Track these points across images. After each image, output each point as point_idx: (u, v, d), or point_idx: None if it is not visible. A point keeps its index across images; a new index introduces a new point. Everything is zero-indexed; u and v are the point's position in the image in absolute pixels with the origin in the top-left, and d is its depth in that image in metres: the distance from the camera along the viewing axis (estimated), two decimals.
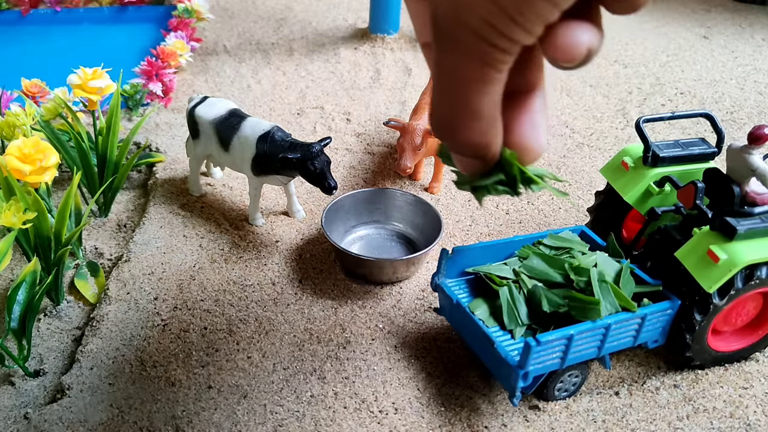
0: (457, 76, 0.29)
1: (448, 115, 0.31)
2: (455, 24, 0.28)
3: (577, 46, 0.29)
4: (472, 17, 0.27)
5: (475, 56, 0.28)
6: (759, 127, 0.69)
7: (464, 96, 0.30)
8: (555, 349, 0.64)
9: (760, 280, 0.68)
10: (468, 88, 0.30)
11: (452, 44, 0.29)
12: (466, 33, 0.28)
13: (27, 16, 1.56)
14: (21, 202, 0.75)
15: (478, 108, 0.30)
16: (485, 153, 0.33)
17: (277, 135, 0.88)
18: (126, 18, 1.61)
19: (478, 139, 0.32)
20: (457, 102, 0.30)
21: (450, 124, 0.32)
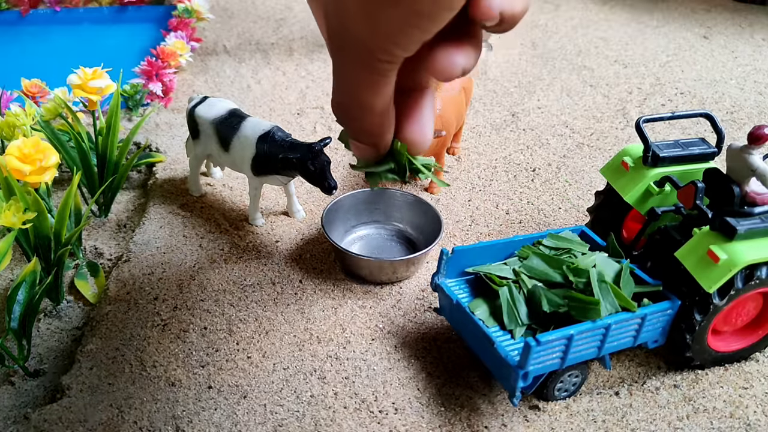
0: (349, 78, 0.33)
1: (343, 106, 0.35)
2: (343, 38, 0.32)
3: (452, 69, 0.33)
4: (357, 36, 0.31)
5: (362, 65, 0.32)
6: (759, 127, 0.69)
7: (357, 94, 0.34)
8: (555, 349, 0.64)
9: (760, 280, 0.68)
10: (359, 88, 0.33)
11: (342, 53, 0.33)
12: (352, 47, 0.31)
13: (27, 16, 1.56)
14: (21, 202, 0.75)
15: (369, 104, 0.34)
16: (377, 142, 0.38)
17: (277, 135, 0.88)
18: (126, 18, 1.61)
19: (370, 129, 0.36)
20: (350, 98, 0.34)
21: (346, 115, 0.36)
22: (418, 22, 0.29)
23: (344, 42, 0.32)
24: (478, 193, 1.04)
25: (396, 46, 0.30)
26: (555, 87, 1.40)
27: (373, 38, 0.30)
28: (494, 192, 1.05)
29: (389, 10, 0.29)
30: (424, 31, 0.30)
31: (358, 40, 0.31)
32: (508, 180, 1.08)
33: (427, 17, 0.29)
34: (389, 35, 0.30)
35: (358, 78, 0.33)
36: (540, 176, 1.09)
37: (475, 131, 1.22)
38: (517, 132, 1.23)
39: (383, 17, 0.29)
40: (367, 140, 0.38)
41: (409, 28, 0.29)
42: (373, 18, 0.29)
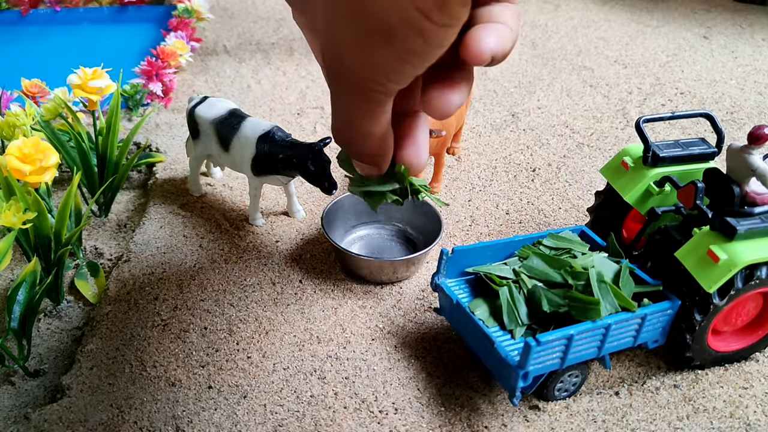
0: (347, 107, 0.35)
1: (343, 132, 0.37)
2: (339, 70, 0.33)
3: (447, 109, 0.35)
4: (351, 68, 0.32)
5: (359, 95, 0.33)
6: (759, 127, 0.69)
7: (354, 121, 0.35)
8: (555, 349, 0.64)
9: (760, 280, 0.68)
10: (357, 116, 0.35)
11: (339, 83, 0.34)
12: (348, 78, 0.33)
13: (27, 16, 1.56)
14: (21, 202, 0.75)
15: (368, 131, 0.36)
16: (379, 162, 0.40)
17: (277, 135, 0.88)
18: (126, 18, 1.61)
19: (371, 151, 0.38)
20: (349, 125, 0.36)
21: (346, 140, 0.37)
22: (410, 59, 0.30)
23: (340, 73, 0.33)
24: (478, 193, 1.04)
25: (390, 80, 0.32)
26: (555, 87, 1.40)
27: (368, 72, 0.31)
28: (494, 192, 1.05)
29: (382, 48, 0.30)
30: (416, 67, 0.31)
31: (353, 73, 0.32)
32: (508, 180, 1.08)
33: (418, 55, 0.30)
34: (383, 70, 0.31)
35: (355, 107, 0.34)
36: (540, 176, 1.09)
37: (475, 131, 1.22)
38: (517, 132, 1.23)
39: (377, 54, 0.30)
40: (368, 162, 0.40)
41: (402, 64, 0.31)
42: (367, 54, 0.30)
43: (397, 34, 0.29)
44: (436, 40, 0.30)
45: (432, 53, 0.30)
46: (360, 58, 0.31)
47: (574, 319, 0.67)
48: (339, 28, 0.31)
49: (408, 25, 0.29)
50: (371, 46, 0.30)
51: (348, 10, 0.30)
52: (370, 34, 0.30)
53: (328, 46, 0.33)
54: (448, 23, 0.29)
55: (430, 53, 0.30)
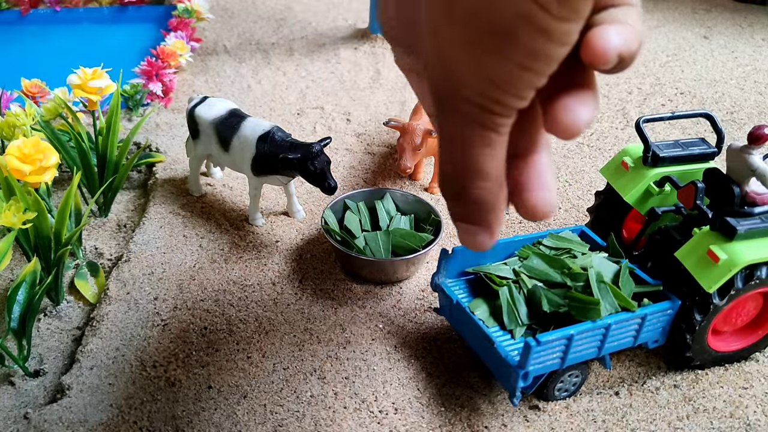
0: (461, 141, 0.31)
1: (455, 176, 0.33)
2: (453, 97, 0.30)
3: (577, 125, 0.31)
4: (468, 90, 0.29)
5: (475, 121, 0.30)
6: (759, 127, 0.69)
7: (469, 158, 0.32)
8: (555, 349, 0.64)
9: (760, 280, 0.68)
10: (472, 151, 0.31)
11: (453, 113, 0.31)
12: (464, 103, 0.30)
13: (27, 16, 1.56)
14: (21, 202, 0.75)
15: (483, 168, 0.32)
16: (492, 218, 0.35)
17: (277, 135, 0.88)
18: (126, 18, 1.60)
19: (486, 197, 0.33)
20: (463, 164, 0.32)
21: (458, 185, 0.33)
22: (531, 64, 0.28)
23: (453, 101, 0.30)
24: None
25: (510, 94, 0.29)
26: None
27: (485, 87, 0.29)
28: None
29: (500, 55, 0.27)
30: (538, 73, 0.28)
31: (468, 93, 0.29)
32: None
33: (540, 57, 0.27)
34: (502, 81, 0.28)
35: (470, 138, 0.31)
36: None
37: None
38: None
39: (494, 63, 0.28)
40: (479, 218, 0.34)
41: (523, 71, 0.28)
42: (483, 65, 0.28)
43: (515, 34, 0.27)
44: (558, 37, 0.27)
45: (554, 54, 0.28)
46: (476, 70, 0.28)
47: (574, 319, 0.67)
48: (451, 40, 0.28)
49: (525, 21, 0.26)
50: (487, 53, 0.27)
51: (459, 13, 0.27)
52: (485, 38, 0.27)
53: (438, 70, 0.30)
54: (569, 17, 0.26)
55: (552, 54, 0.27)
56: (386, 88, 1.35)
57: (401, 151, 0.94)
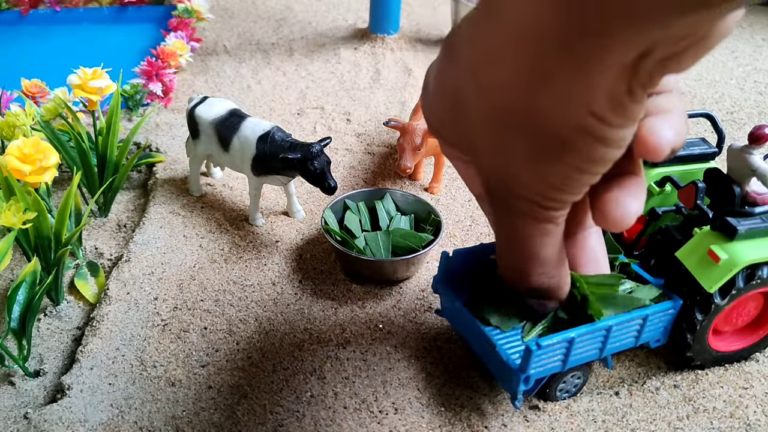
0: (519, 233, 0.32)
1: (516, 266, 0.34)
2: (508, 194, 0.30)
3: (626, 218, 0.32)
4: (524, 190, 0.30)
5: (531, 216, 0.31)
6: (759, 127, 0.69)
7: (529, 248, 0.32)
8: (556, 352, 0.64)
9: (761, 279, 0.68)
10: (531, 242, 0.32)
11: (508, 209, 0.31)
12: (520, 200, 0.30)
13: (27, 16, 1.56)
14: (21, 202, 0.75)
15: (543, 256, 0.33)
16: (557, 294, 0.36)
17: (277, 135, 0.88)
18: (126, 18, 1.60)
19: (548, 282, 0.35)
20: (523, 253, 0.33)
21: (521, 273, 0.34)
22: (588, 168, 0.28)
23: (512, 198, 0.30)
24: None
25: (565, 192, 0.29)
26: None
27: (543, 189, 0.29)
28: None
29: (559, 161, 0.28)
30: (594, 174, 0.29)
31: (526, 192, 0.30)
32: None
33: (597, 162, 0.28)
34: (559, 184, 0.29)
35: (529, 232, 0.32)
36: None
37: None
38: None
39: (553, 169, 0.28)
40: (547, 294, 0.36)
41: (580, 174, 0.29)
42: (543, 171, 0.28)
43: (574, 144, 0.27)
44: (615, 144, 0.27)
45: (610, 157, 0.28)
46: (534, 175, 0.29)
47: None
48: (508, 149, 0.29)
49: (584, 133, 0.27)
50: (546, 161, 0.28)
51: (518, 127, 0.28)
52: (543, 149, 0.28)
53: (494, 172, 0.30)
54: (624, 124, 0.27)
55: (609, 158, 0.28)
56: (386, 88, 1.35)
57: (401, 151, 0.94)
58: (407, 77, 1.40)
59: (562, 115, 0.26)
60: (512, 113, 0.27)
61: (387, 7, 1.53)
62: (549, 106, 0.26)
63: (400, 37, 1.56)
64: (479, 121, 0.30)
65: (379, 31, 1.56)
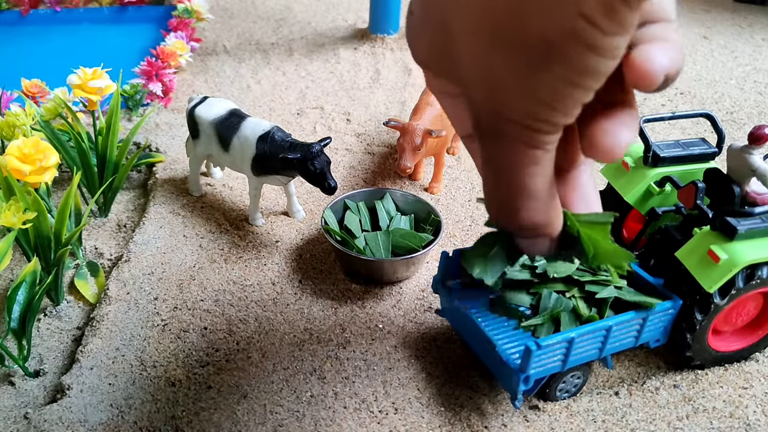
0: (509, 163, 0.31)
1: (507, 200, 0.32)
2: (498, 120, 0.29)
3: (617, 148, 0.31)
4: (513, 112, 0.28)
5: (522, 142, 0.29)
6: (759, 127, 0.69)
7: (518, 179, 0.31)
8: (556, 352, 0.64)
9: (761, 280, 0.68)
10: (521, 172, 0.31)
11: (497, 137, 0.30)
12: (510, 125, 0.29)
13: (27, 16, 1.56)
14: (21, 202, 0.75)
15: (533, 188, 0.31)
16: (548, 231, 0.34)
17: (277, 135, 0.88)
18: (126, 18, 1.60)
19: (539, 218, 0.33)
20: (513, 186, 0.31)
21: (510, 208, 0.32)
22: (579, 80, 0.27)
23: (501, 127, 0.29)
24: (478, 193, 1.04)
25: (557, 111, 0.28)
26: None
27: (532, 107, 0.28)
28: None
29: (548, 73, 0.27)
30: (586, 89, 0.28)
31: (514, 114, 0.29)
32: None
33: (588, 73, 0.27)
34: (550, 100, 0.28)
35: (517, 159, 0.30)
36: None
37: None
38: None
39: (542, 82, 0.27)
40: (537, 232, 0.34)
41: (572, 88, 0.27)
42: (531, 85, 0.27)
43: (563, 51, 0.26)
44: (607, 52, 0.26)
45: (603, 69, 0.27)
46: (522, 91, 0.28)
47: None
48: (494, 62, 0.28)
49: (574, 39, 0.26)
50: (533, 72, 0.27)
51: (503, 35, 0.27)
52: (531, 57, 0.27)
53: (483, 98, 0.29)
54: (617, 31, 0.26)
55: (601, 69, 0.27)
56: (386, 88, 1.35)
57: (401, 151, 0.94)
58: (407, 77, 1.40)
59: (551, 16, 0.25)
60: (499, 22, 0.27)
61: (387, 7, 1.53)
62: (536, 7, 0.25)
63: (400, 37, 1.56)
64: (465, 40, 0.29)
65: (378, 31, 1.56)
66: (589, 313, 0.70)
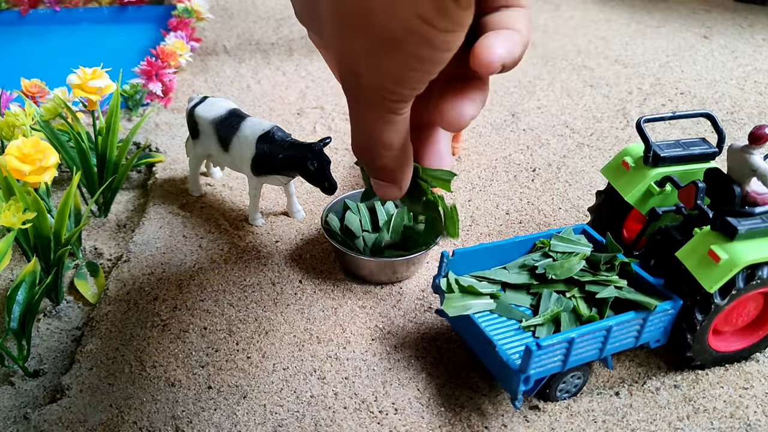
0: (366, 120, 0.35)
1: (364, 148, 0.37)
2: (356, 85, 0.33)
3: (461, 120, 0.35)
4: (368, 83, 0.32)
5: (376, 106, 0.34)
6: (759, 127, 0.69)
7: (375, 133, 0.36)
8: (556, 352, 0.64)
9: (761, 280, 0.68)
10: (377, 128, 0.35)
11: (357, 98, 0.34)
12: (365, 91, 0.33)
13: (26, 16, 1.56)
14: (21, 202, 0.75)
15: (388, 141, 0.36)
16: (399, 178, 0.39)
17: (277, 135, 0.88)
18: (126, 18, 1.61)
19: (390, 165, 0.38)
20: (370, 138, 0.36)
21: (365, 153, 0.37)
22: (419, 66, 0.31)
23: (357, 85, 0.33)
24: (478, 193, 1.04)
25: (403, 87, 0.32)
26: (555, 87, 1.40)
27: (382, 81, 0.32)
28: (494, 192, 1.05)
29: (391, 58, 0.30)
30: (427, 72, 0.31)
31: (368, 83, 0.32)
32: (508, 180, 1.08)
33: (426, 61, 0.30)
34: (395, 79, 0.31)
35: (374, 119, 0.34)
36: (540, 176, 1.09)
37: (475, 131, 1.22)
38: (517, 132, 1.23)
39: (387, 64, 0.31)
40: (388, 178, 0.39)
41: (413, 71, 0.31)
42: (378, 65, 0.31)
43: (403, 43, 0.29)
44: (442, 45, 0.30)
45: (440, 58, 0.30)
46: (372, 69, 0.31)
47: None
48: (349, 43, 0.31)
49: (412, 34, 0.29)
50: (380, 56, 0.30)
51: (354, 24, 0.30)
52: (378, 45, 0.30)
53: (342, 61, 0.33)
54: (451, 28, 0.29)
55: (438, 58, 0.30)
56: None
57: None
58: None
59: (392, 16, 0.28)
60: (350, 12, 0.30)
61: None
62: (380, 6, 0.29)
63: None
64: (326, 17, 0.33)
65: None
66: (589, 313, 0.70)
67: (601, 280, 0.73)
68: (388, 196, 0.40)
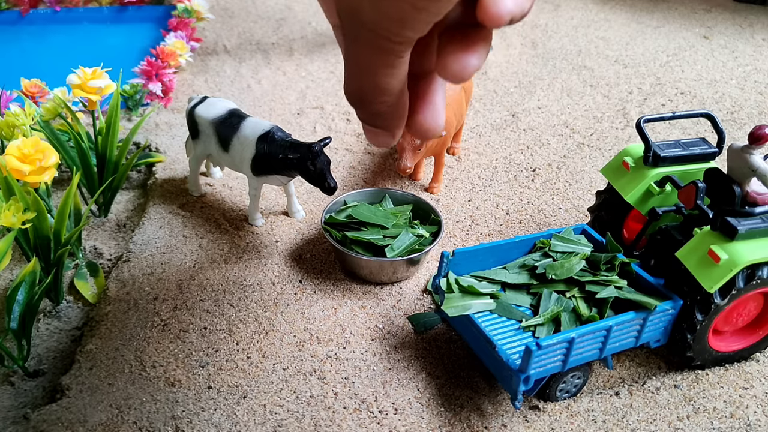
0: (364, 61, 0.34)
1: (359, 91, 0.36)
2: (355, 23, 0.32)
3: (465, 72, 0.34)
4: (369, 22, 0.31)
5: (376, 47, 0.33)
6: (759, 127, 0.69)
7: (371, 76, 0.34)
8: (556, 352, 0.64)
9: (761, 280, 0.68)
10: (374, 71, 0.34)
11: (356, 37, 0.33)
12: (366, 31, 0.32)
13: (26, 16, 1.56)
14: (21, 202, 0.75)
15: (384, 86, 0.35)
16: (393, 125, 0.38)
17: (277, 135, 0.87)
18: (126, 18, 1.60)
19: (385, 110, 0.36)
20: (366, 81, 0.35)
21: (361, 99, 0.36)
22: (424, 5, 0.30)
23: (358, 30, 0.32)
24: (478, 193, 1.04)
25: (406, 28, 0.31)
26: (555, 87, 1.40)
27: (384, 22, 0.31)
28: (494, 192, 1.05)
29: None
30: (431, 13, 0.30)
31: (371, 27, 0.31)
32: (508, 180, 1.08)
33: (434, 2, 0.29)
34: (398, 19, 0.30)
35: (371, 59, 0.33)
36: (540, 176, 1.09)
37: (475, 131, 1.22)
38: (517, 132, 1.23)
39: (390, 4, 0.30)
40: (383, 124, 0.38)
41: (417, 11, 0.30)
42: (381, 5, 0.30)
43: None
44: None
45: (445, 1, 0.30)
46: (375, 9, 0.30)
47: None
48: None
49: None
50: None
51: None
52: None
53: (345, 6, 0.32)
54: None
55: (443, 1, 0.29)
56: None
57: (401, 151, 0.93)
58: None
59: None
60: None
61: None
62: None
63: None
64: None
65: None
66: (589, 313, 0.70)
67: (601, 280, 0.73)
68: (380, 143, 0.39)
